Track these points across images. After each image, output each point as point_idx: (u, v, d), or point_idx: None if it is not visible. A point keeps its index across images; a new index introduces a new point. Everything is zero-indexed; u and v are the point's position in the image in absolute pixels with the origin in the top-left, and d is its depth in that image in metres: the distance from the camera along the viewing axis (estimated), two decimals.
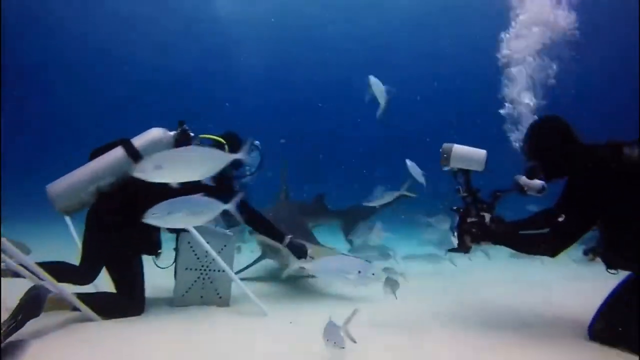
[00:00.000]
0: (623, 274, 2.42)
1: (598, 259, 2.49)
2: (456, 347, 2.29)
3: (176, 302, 3.01)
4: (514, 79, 3.31)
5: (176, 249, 3.12)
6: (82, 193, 2.58)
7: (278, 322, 2.69)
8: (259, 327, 2.56)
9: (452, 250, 2.69)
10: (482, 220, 2.54)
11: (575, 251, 2.83)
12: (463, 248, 2.60)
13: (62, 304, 2.36)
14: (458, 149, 2.59)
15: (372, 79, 4.26)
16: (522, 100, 3.16)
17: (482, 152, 2.59)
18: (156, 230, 2.77)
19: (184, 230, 2.95)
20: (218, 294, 3.09)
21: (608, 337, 2.32)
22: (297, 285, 4.01)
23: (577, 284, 4.25)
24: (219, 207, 2.29)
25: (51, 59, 18.38)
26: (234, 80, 20.17)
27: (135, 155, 2.62)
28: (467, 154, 2.59)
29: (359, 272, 2.06)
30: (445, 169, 2.66)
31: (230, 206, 2.34)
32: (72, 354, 1.95)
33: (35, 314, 2.09)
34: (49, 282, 2.33)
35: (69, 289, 2.42)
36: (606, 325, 2.35)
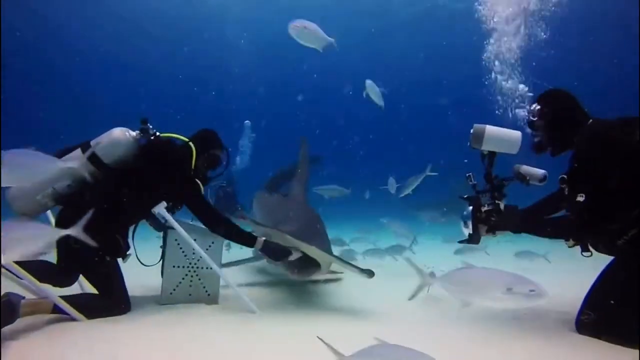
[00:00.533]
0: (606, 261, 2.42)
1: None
2: (448, 340, 2.29)
3: (164, 300, 2.97)
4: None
5: (163, 247, 3.08)
6: (38, 196, 2.51)
7: (267, 320, 2.67)
8: (248, 325, 2.53)
9: (464, 241, 2.59)
10: (498, 207, 2.43)
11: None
12: (475, 239, 2.50)
13: (38, 308, 2.30)
14: (491, 130, 2.42)
15: (369, 83, 4.24)
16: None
17: (516, 134, 2.43)
18: (122, 233, 2.72)
19: (170, 227, 2.91)
20: (206, 291, 3.06)
21: (594, 329, 2.33)
22: (292, 286, 3.97)
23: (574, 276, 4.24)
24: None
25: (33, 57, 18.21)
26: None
27: (92, 157, 2.55)
28: (501, 135, 2.43)
29: (509, 288, 1.59)
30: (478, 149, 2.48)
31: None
32: (60, 356, 1.91)
33: (10, 321, 2.07)
34: (31, 283, 2.29)
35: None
36: (591, 318, 2.36)
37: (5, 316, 2.03)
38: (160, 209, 2.78)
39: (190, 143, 2.87)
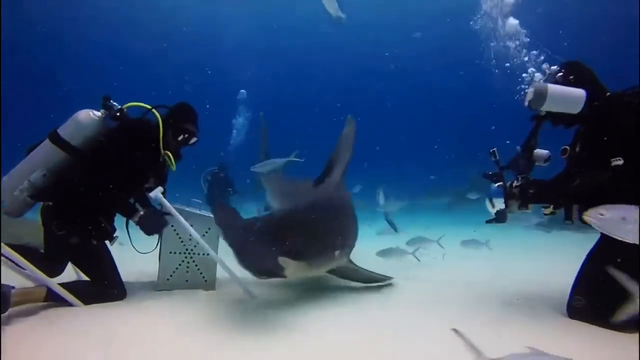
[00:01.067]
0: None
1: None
2: (440, 325, 2.33)
3: (160, 286, 2.96)
4: None
5: (160, 233, 3.05)
6: (15, 191, 2.46)
7: (266, 305, 2.68)
8: (246, 310, 2.54)
9: (491, 221, 2.56)
10: (535, 180, 2.39)
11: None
12: (503, 217, 2.47)
13: (29, 297, 2.29)
14: (554, 88, 2.28)
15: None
16: None
17: (580, 91, 2.31)
18: (105, 215, 2.66)
19: (167, 213, 2.88)
20: (203, 277, 3.06)
21: (585, 314, 2.39)
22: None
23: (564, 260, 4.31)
24: None
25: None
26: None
27: (60, 142, 2.51)
28: (565, 93, 2.29)
29: None
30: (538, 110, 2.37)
31: None
32: (61, 343, 1.90)
33: (2, 311, 2.06)
34: (32, 271, 2.27)
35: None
36: (582, 303, 2.42)
37: None
38: (157, 194, 2.76)
39: (154, 111, 2.73)
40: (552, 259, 4.91)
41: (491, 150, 2.58)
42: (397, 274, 3.46)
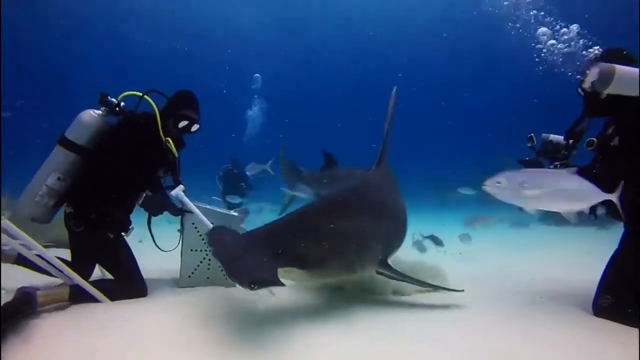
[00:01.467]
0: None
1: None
2: (466, 324, 2.32)
3: (183, 282, 3.01)
4: None
5: (181, 231, 3.10)
6: (36, 197, 2.53)
7: (285, 302, 2.70)
8: (266, 307, 2.57)
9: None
10: (577, 166, 2.35)
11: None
12: None
13: (54, 297, 2.34)
14: (622, 69, 2.14)
15: None
16: None
17: None
18: (119, 209, 2.67)
19: (187, 211, 2.92)
20: (224, 274, 3.08)
21: (612, 312, 2.35)
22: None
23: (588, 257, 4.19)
24: None
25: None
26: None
27: (69, 145, 2.58)
28: (633, 75, 2.13)
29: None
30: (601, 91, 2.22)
31: None
32: (88, 337, 1.95)
33: (31, 311, 2.12)
34: (64, 269, 2.35)
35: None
36: (609, 301, 2.38)
37: (25, 306, 2.09)
38: (178, 192, 2.79)
39: (147, 97, 2.74)
40: (569, 255, 4.84)
41: (529, 136, 2.52)
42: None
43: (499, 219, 4.79)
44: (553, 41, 2.60)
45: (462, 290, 2.73)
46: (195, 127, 2.90)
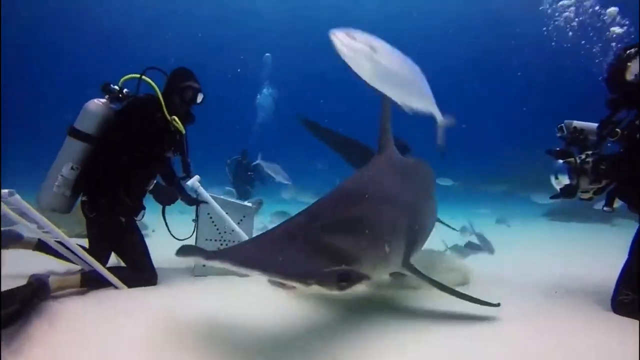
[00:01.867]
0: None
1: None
2: (482, 319, 2.30)
3: (197, 272, 3.03)
4: None
5: (196, 220, 3.12)
6: (54, 188, 2.59)
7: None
8: (278, 296, 2.57)
9: (557, 196, 2.51)
10: (608, 156, 2.32)
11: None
12: (572, 192, 2.40)
13: (65, 283, 2.38)
14: None
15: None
16: None
17: None
18: (129, 194, 2.69)
19: (203, 202, 2.93)
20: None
21: (632, 309, 2.30)
22: None
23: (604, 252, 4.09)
24: None
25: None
26: None
27: (78, 135, 2.63)
28: None
29: None
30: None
31: None
32: (107, 322, 1.99)
33: (45, 296, 2.16)
34: (84, 256, 2.41)
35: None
36: (630, 297, 2.33)
37: (40, 291, 2.13)
38: (194, 182, 2.81)
39: (144, 77, 2.76)
40: (585, 251, 4.77)
41: (559, 126, 2.48)
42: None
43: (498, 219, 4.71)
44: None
45: (498, 305, 2.23)
46: (200, 97, 2.92)
